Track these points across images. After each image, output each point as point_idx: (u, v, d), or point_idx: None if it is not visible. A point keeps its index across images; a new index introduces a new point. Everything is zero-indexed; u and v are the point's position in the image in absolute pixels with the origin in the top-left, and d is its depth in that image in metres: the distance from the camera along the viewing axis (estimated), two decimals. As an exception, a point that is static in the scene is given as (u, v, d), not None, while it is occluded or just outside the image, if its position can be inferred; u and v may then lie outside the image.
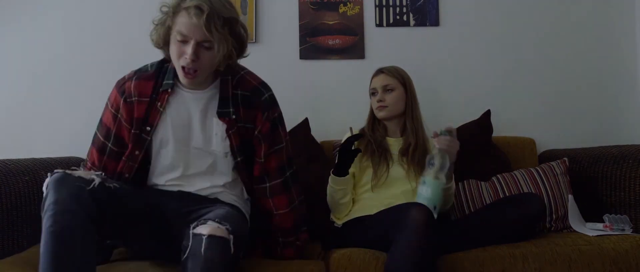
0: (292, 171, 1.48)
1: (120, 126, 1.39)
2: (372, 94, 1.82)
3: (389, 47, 2.20)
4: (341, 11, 2.21)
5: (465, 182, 1.82)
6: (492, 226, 1.50)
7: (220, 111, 1.38)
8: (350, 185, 1.67)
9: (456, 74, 2.21)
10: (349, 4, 2.22)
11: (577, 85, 2.23)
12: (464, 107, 2.12)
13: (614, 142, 2.05)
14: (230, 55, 1.32)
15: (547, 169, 1.81)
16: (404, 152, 1.72)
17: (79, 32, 2.16)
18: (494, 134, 2.02)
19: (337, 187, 1.64)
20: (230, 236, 1.16)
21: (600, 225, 1.61)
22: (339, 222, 1.68)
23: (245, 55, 1.41)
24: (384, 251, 1.36)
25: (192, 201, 1.35)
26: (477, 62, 2.22)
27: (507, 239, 1.47)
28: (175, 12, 1.29)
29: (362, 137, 1.73)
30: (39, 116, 2.13)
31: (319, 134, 2.02)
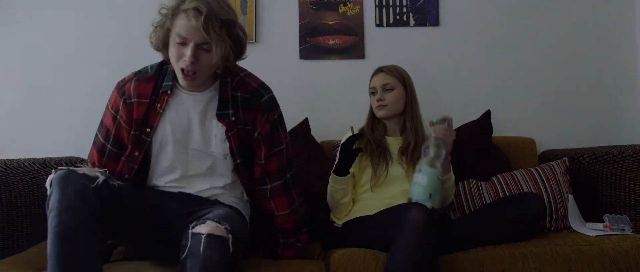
0: (293, 173, 1.48)
1: (119, 127, 1.39)
2: (372, 93, 1.81)
3: (389, 47, 2.20)
4: (341, 11, 2.21)
5: (465, 182, 1.81)
6: (492, 226, 1.49)
7: (219, 113, 1.38)
8: (350, 184, 1.67)
9: (456, 74, 2.21)
10: (349, 4, 2.22)
11: (577, 85, 2.23)
12: (464, 107, 2.11)
13: (614, 142, 2.05)
14: (227, 57, 1.31)
15: (547, 169, 1.81)
16: (403, 151, 1.72)
17: (79, 32, 2.16)
18: (494, 134, 2.02)
19: (338, 186, 1.64)
20: (229, 236, 1.16)
21: (600, 225, 1.61)
22: (339, 222, 1.68)
23: (243, 57, 1.40)
24: (384, 251, 1.36)
25: (193, 202, 1.35)
26: (477, 62, 2.22)
27: (507, 238, 1.47)
28: (174, 15, 1.29)
29: (363, 136, 1.73)
30: (39, 116, 2.13)
31: (319, 134, 2.02)
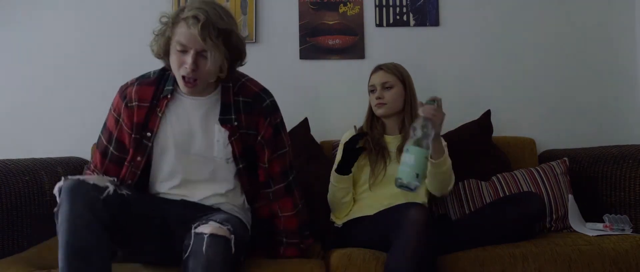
0: (294, 175, 1.50)
1: (121, 131, 1.41)
2: (371, 91, 1.80)
3: (389, 47, 2.20)
4: (341, 11, 2.21)
5: (465, 182, 1.81)
6: (492, 226, 1.49)
7: (222, 118, 1.39)
8: (352, 183, 1.68)
9: (456, 74, 2.21)
10: (349, 4, 2.22)
11: (577, 85, 2.23)
12: (464, 107, 2.11)
13: (614, 142, 2.05)
14: (221, 67, 1.32)
15: (547, 169, 1.81)
16: (402, 149, 1.71)
17: (79, 32, 2.16)
18: (494, 134, 2.02)
19: (340, 185, 1.64)
20: (231, 236, 1.17)
21: (600, 225, 1.61)
22: (338, 222, 1.68)
23: (242, 63, 1.41)
24: (384, 251, 1.35)
25: (196, 210, 1.36)
26: (477, 62, 2.22)
27: (507, 238, 1.47)
28: (174, 23, 1.30)
29: (367, 135, 1.72)
30: (39, 116, 2.13)
31: (319, 134, 2.02)
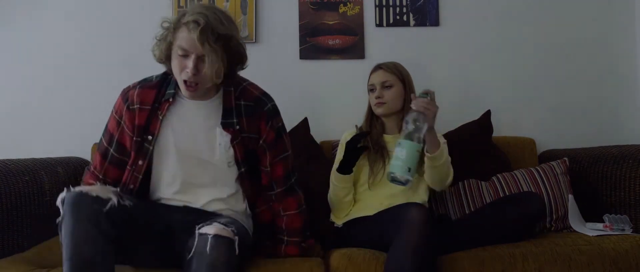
0: (296, 177, 1.51)
1: (122, 133, 1.41)
2: (371, 90, 1.79)
3: (389, 47, 2.19)
4: (341, 11, 2.21)
5: (465, 182, 1.81)
6: (492, 226, 1.49)
7: (224, 122, 1.40)
8: (352, 183, 1.67)
9: (456, 74, 2.21)
10: (349, 4, 2.22)
11: (577, 85, 2.23)
12: (464, 107, 2.11)
13: (614, 142, 2.05)
14: (219, 72, 1.31)
15: (547, 169, 1.81)
16: None
17: (79, 32, 2.16)
18: (494, 134, 2.02)
19: (341, 185, 1.64)
20: (235, 237, 1.18)
21: (600, 225, 1.61)
22: (338, 222, 1.68)
23: (244, 67, 1.42)
24: (384, 251, 1.35)
25: (198, 216, 1.36)
26: (477, 62, 2.22)
27: (507, 238, 1.47)
28: (175, 28, 1.31)
29: (369, 135, 1.72)
30: (39, 116, 2.13)
31: (319, 134, 2.02)
